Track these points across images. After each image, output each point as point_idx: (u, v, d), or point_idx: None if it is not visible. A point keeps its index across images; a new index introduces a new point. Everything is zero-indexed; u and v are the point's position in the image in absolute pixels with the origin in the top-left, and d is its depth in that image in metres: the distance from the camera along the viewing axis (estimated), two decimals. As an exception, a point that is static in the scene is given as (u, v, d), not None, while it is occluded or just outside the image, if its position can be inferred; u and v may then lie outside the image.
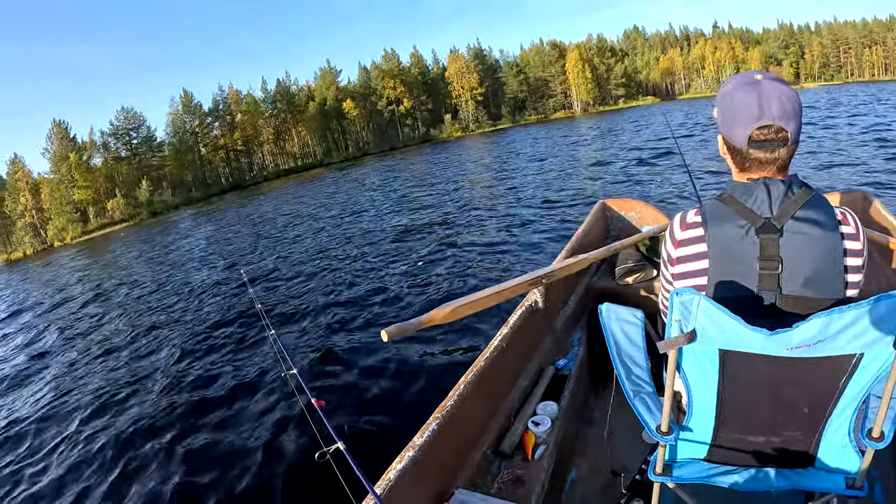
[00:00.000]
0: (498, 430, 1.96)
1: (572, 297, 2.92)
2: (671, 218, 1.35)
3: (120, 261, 21.47)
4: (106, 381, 5.99)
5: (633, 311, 1.43)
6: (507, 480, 1.74)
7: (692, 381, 1.16)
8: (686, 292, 1.02)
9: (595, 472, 2.05)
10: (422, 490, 1.56)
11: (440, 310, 1.72)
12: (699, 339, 1.06)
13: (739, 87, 1.16)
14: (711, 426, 1.20)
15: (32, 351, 9.08)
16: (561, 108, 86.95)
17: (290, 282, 9.02)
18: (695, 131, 23.77)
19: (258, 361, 5.24)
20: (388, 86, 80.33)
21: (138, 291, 12.21)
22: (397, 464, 1.48)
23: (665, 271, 1.36)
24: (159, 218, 54.87)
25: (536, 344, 2.46)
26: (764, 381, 1.10)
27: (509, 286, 1.95)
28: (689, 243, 1.23)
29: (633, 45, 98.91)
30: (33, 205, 62.30)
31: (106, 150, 68.28)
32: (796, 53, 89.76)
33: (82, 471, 4.08)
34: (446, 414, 1.68)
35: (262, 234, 16.91)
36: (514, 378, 2.22)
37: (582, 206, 10.57)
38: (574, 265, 2.25)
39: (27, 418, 5.57)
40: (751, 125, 1.13)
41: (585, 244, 3.09)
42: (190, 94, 72.38)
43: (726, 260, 1.16)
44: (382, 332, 1.53)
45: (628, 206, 3.68)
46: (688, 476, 1.25)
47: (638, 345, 1.36)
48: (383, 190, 22.56)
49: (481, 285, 5.16)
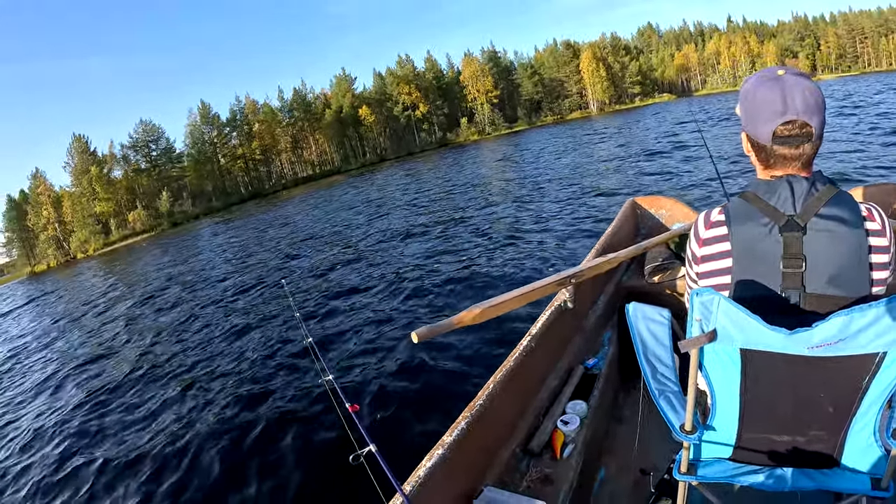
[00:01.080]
0: (527, 428, 1.96)
1: (602, 297, 2.89)
2: (697, 216, 1.34)
3: (147, 272, 21.36)
4: (148, 386, 6.13)
5: (659, 309, 1.39)
6: (535, 479, 1.75)
7: (715, 380, 1.16)
8: (706, 292, 1.04)
9: (624, 471, 2.07)
10: (451, 487, 1.57)
11: (470, 311, 1.72)
12: (720, 338, 1.07)
13: (761, 83, 1.16)
14: (735, 425, 1.20)
15: (63, 364, 8.92)
16: (577, 109, 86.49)
17: (321, 284, 9.02)
18: (718, 126, 23.49)
19: (295, 365, 5.28)
20: (403, 91, 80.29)
21: (169, 302, 12.05)
22: (427, 461, 1.50)
23: (689, 270, 1.35)
24: (180, 228, 54.75)
25: (566, 343, 2.44)
26: (786, 381, 1.10)
27: (538, 286, 1.95)
28: (712, 242, 1.23)
29: (648, 43, 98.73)
30: (55, 218, 62.36)
31: (126, 163, 68.54)
32: (812, 45, 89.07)
33: (137, 469, 4.22)
34: (476, 412, 1.68)
35: (288, 240, 16.97)
36: (544, 377, 2.21)
37: (607, 201, 10.60)
38: (603, 264, 2.22)
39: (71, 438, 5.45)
40: (775, 121, 1.12)
41: (615, 243, 3.06)
42: (208, 106, 72.73)
43: (750, 259, 1.15)
44: (412, 334, 1.55)
45: (658, 203, 3.64)
46: (713, 475, 1.24)
47: (664, 344, 1.33)
48: (406, 193, 22.63)
49: (510, 286, 4.59)
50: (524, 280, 5.95)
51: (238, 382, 5.32)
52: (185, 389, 5.71)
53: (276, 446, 3.94)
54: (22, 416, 6.97)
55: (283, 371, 5.23)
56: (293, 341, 6.19)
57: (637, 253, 2.47)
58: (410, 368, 4.73)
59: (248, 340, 6.74)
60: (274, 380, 5.09)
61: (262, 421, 4.38)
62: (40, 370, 9.37)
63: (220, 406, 4.91)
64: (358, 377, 4.70)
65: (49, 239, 62.48)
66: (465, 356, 4.71)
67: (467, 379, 4.25)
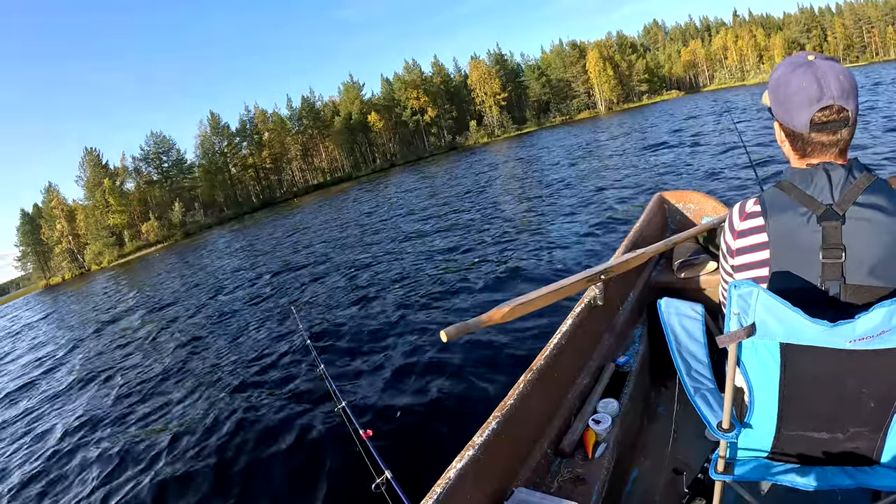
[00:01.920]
0: (558, 428, 1.92)
1: (632, 293, 2.83)
2: (730, 208, 1.32)
3: (162, 283, 20.73)
4: (154, 412, 5.75)
5: (692, 305, 1.37)
6: (567, 479, 1.72)
7: (753, 376, 1.13)
8: (744, 285, 1.00)
9: (657, 471, 2.04)
10: (481, 488, 1.54)
11: (499, 309, 1.70)
12: (759, 332, 1.04)
13: (793, 69, 1.12)
14: (774, 423, 1.16)
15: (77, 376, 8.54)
16: (585, 108, 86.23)
17: (331, 301, 8.51)
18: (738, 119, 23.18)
19: (306, 392, 5.06)
20: (411, 96, 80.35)
21: (180, 316, 11.60)
22: (457, 462, 1.48)
23: (724, 263, 1.33)
24: (193, 238, 54.50)
25: (596, 341, 2.39)
26: (827, 376, 1.07)
27: (567, 283, 1.93)
28: (748, 234, 1.20)
29: (654, 40, 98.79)
30: (69, 231, 62.36)
31: (138, 175, 68.62)
32: (819, 37, 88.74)
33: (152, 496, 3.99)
34: (506, 412, 1.66)
35: (298, 251, 16.36)
36: (575, 376, 2.17)
37: (627, 196, 10.36)
38: (632, 260, 2.19)
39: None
40: (812, 107, 1.09)
41: (644, 238, 3.01)
42: (217, 116, 72.93)
43: (787, 250, 1.12)
44: (441, 333, 1.54)
45: (686, 197, 3.57)
46: (750, 474, 1.21)
47: (698, 340, 1.31)
48: (420, 196, 22.21)
49: (539, 284, 4.39)
50: (553, 277, 5.85)
51: (248, 408, 5.06)
52: (190, 415, 5.40)
53: (292, 472, 3.80)
54: (57, 412, 7.08)
55: (294, 398, 5.01)
56: (303, 363, 5.91)
57: (666, 248, 2.42)
58: (438, 373, 4.58)
59: (259, 361, 6.38)
60: (286, 404, 4.88)
61: (276, 444, 4.20)
62: (66, 374, 9.38)
63: (224, 430, 4.69)
64: (374, 401, 4.43)
65: (63, 252, 62.46)
66: (496, 354, 4.59)
67: (497, 377, 4.17)
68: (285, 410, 4.71)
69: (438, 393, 4.27)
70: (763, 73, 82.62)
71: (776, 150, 7.94)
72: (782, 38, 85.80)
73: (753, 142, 13.19)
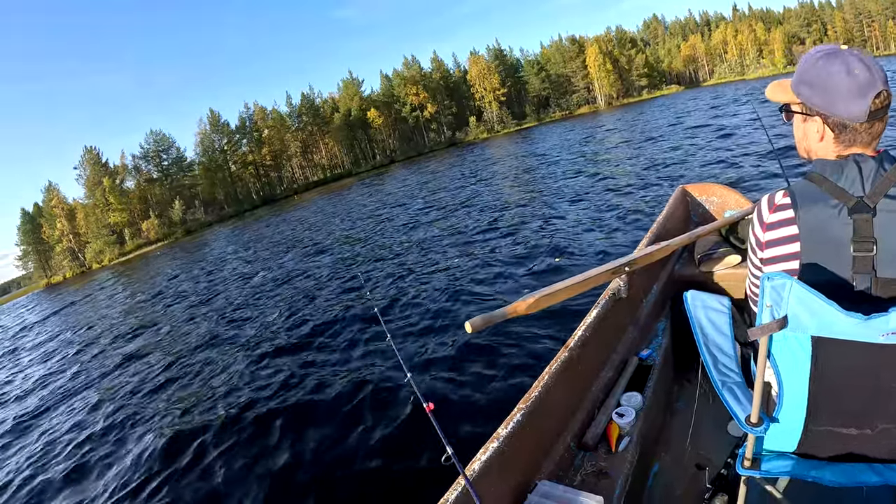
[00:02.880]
0: (581, 421, 1.92)
1: (655, 286, 2.84)
2: (756, 201, 1.32)
3: (199, 270, 20.54)
4: (228, 385, 5.78)
5: (719, 298, 1.37)
6: (590, 473, 1.72)
7: (783, 369, 1.11)
8: (778, 276, 0.99)
9: (679, 466, 2.03)
10: (505, 480, 1.55)
11: (524, 300, 1.70)
12: (791, 325, 1.02)
13: (831, 60, 1.08)
14: (802, 418, 1.14)
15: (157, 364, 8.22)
16: (585, 103, 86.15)
17: (396, 274, 8.67)
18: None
19: (372, 364, 5.15)
20: (410, 92, 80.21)
21: (212, 302, 11.62)
22: (482, 454, 1.48)
23: (753, 256, 1.30)
24: (194, 236, 54.62)
25: (620, 334, 2.39)
26: (858, 370, 1.05)
27: (592, 275, 1.92)
28: (778, 226, 1.17)
29: (654, 35, 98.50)
30: (70, 230, 62.40)
31: (138, 173, 68.63)
32: (819, 31, 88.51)
33: (218, 470, 4.05)
34: (530, 405, 1.66)
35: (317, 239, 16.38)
36: (599, 369, 2.17)
37: (643, 190, 10.28)
38: (656, 252, 2.18)
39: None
40: (868, 95, 1.05)
41: (667, 231, 3.00)
42: (217, 114, 72.80)
43: (818, 242, 1.10)
44: (466, 324, 1.55)
45: (709, 190, 3.58)
46: (776, 470, 1.19)
47: (725, 333, 1.31)
48: (425, 190, 22.16)
49: (563, 276, 4.55)
50: (577, 269, 5.86)
51: (322, 374, 5.21)
52: (247, 384, 5.59)
53: (353, 443, 3.88)
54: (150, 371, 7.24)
55: (363, 370, 5.09)
56: (369, 330, 6.09)
57: (690, 241, 2.40)
58: (480, 358, 4.65)
59: (325, 340, 6.46)
60: (356, 377, 4.95)
61: (337, 419, 4.27)
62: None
63: (293, 402, 4.82)
64: (435, 375, 4.56)
65: (64, 251, 62.58)
66: (521, 346, 4.62)
67: (523, 369, 4.20)
68: (354, 380, 4.83)
69: (490, 367, 4.40)
70: (763, 68, 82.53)
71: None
72: (782, 32, 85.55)
73: (774, 130, 13.18)
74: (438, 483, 1.46)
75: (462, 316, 5.78)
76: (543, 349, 4.42)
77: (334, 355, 5.69)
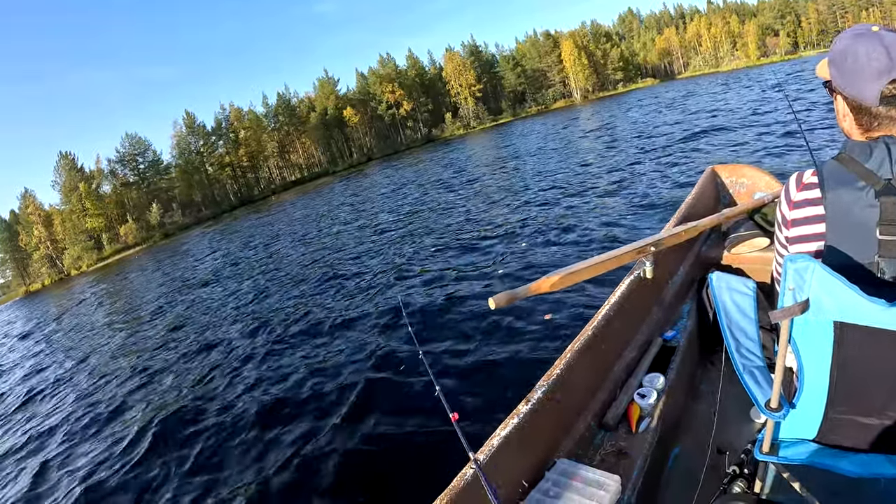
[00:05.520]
0: (602, 401, 1.92)
1: (682, 267, 2.80)
2: (786, 179, 1.30)
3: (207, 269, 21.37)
4: (266, 392, 5.56)
5: (744, 280, 1.35)
6: (610, 452, 1.71)
7: (804, 354, 1.08)
8: (800, 259, 0.96)
9: (699, 449, 1.93)
10: (524, 457, 1.54)
11: (548, 278, 1.70)
12: (813, 309, 0.99)
13: (859, 40, 1.07)
14: (822, 405, 1.11)
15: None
16: (561, 98, 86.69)
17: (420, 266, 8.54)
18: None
19: (396, 355, 5.14)
20: (386, 90, 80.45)
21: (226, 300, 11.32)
22: (501, 430, 1.46)
23: (779, 234, 1.29)
24: (172, 239, 55.23)
25: (644, 314, 2.38)
26: (880, 358, 1.01)
27: (618, 254, 1.94)
28: (804, 205, 1.17)
29: (629, 28, 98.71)
30: (47, 236, 62.88)
31: (114, 177, 68.87)
32: (793, 23, 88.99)
33: (250, 469, 4.04)
34: (552, 383, 1.66)
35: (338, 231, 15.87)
36: (622, 348, 2.16)
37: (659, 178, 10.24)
38: (683, 233, 2.19)
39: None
40: (881, 79, 1.04)
41: (695, 211, 2.93)
42: (192, 116, 72.90)
43: (844, 225, 1.08)
44: (490, 300, 1.53)
45: (739, 171, 3.51)
46: (794, 457, 1.17)
47: (749, 316, 1.29)
48: (431, 184, 21.95)
49: (589, 254, 5.07)
50: (603, 248, 5.89)
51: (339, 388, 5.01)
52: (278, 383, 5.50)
53: (382, 448, 3.79)
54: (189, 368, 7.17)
55: (384, 356, 5.12)
56: (400, 347, 5.67)
57: (717, 222, 2.42)
58: (494, 341, 4.68)
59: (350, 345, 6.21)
60: (384, 383, 4.81)
61: (364, 424, 4.16)
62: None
63: (319, 407, 4.71)
64: (460, 378, 4.35)
65: (42, 258, 63.05)
66: (545, 325, 4.61)
67: (544, 348, 4.19)
68: (382, 385, 4.72)
69: (507, 350, 4.43)
70: (737, 60, 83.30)
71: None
72: (756, 24, 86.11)
73: (795, 107, 12.32)
74: (453, 454, 1.51)
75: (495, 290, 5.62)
76: (566, 327, 4.41)
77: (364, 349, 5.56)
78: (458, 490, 1.34)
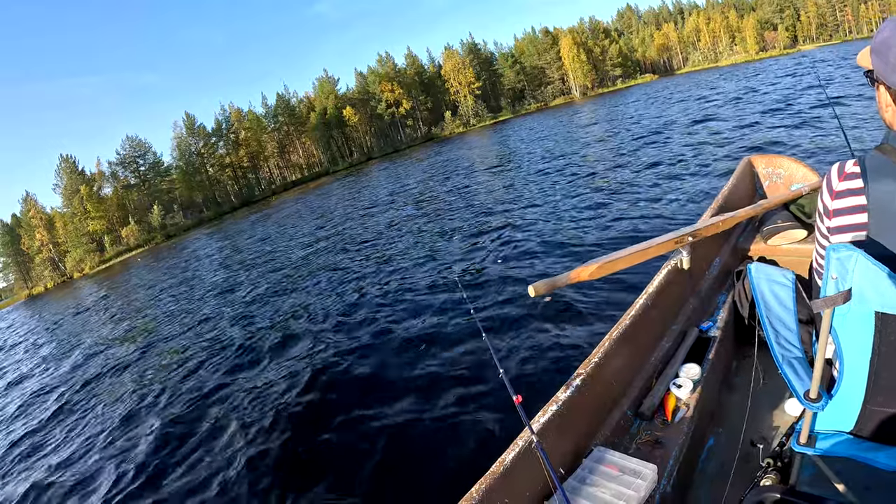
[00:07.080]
0: (639, 390, 1.93)
1: (718, 258, 2.79)
2: (823, 172, 1.33)
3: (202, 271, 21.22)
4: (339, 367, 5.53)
5: (783, 271, 1.34)
6: (645, 442, 1.72)
7: (845, 345, 1.06)
8: (843, 248, 0.95)
9: (733, 441, 1.95)
10: (562, 444, 1.56)
11: (586, 266, 1.73)
12: (855, 299, 0.98)
13: None
14: (861, 397, 1.09)
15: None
16: (560, 95, 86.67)
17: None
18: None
19: (457, 333, 5.26)
20: (385, 89, 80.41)
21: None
22: (540, 416, 1.48)
23: (820, 224, 1.27)
24: (174, 240, 55.36)
25: (681, 305, 2.38)
26: None
27: (655, 244, 1.96)
28: (846, 195, 1.15)
29: (628, 24, 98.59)
30: (49, 239, 63.02)
31: (115, 180, 69.00)
32: (792, 17, 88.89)
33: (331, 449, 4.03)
34: (589, 371, 1.68)
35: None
36: (658, 339, 2.17)
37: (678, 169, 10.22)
38: (720, 224, 2.20)
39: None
40: None
41: (731, 202, 2.94)
42: (192, 117, 72.97)
43: (886, 215, 1.07)
44: (529, 288, 1.56)
45: (775, 162, 3.45)
46: (831, 449, 1.15)
47: (788, 307, 1.28)
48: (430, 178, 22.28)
49: (626, 243, 4.79)
50: (639, 238, 5.97)
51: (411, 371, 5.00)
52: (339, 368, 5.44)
53: (446, 434, 3.77)
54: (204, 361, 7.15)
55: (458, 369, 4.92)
56: (462, 325, 5.65)
57: (755, 213, 2.41)
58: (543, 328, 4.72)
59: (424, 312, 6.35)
60: (452, 370, 4.76)
61: (429, 408, 4.14)
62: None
63: (391, 386, 4.74)
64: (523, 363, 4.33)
65: (44, 261, 63.25)
66: (586, 312, 4.70)
67: (585, 337, 4.25)
68: (450, 372, 4.67)
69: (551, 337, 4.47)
70: (735, 55, 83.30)
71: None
72: (755, 18, 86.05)
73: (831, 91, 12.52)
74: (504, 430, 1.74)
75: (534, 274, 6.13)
76: (604, 316, 4.48)
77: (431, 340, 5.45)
78: (514, 459, 1.40)
